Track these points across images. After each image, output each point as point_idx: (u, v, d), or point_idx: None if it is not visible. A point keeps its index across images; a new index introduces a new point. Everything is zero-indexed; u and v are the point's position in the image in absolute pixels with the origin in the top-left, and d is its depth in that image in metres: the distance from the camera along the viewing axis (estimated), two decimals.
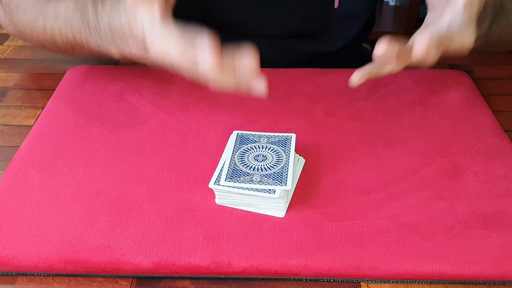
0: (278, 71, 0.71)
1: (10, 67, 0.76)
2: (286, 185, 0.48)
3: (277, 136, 0.55)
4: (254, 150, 0.52)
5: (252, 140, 0.54)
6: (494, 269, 0.45)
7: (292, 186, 0.50)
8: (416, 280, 0.45)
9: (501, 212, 0.49)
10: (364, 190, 0.52)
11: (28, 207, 0.49)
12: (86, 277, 0.45)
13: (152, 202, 0.50)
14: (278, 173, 0.49)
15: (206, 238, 0.46)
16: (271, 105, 0.65)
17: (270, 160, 0.51)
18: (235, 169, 0.50)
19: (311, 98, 0.66)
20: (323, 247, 0.46)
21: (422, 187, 0.52)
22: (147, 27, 0.51)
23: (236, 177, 0.49)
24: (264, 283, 0.45)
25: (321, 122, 0.62)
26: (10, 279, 0.45)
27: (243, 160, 0.51)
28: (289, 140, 0.54)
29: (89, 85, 0.67)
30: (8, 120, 0.65)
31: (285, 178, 0.49)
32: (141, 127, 0.60)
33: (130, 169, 0.54)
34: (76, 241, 0.46)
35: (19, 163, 0.54)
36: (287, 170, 0.50)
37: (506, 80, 0.64)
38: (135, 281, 0.45)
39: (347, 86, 0.68)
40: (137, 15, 0.51)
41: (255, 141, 0.54)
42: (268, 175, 0.49)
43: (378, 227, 0.48)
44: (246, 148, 0.53)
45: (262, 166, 0.50)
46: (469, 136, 0.59)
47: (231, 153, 0.52)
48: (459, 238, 0.47)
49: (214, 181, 0.49)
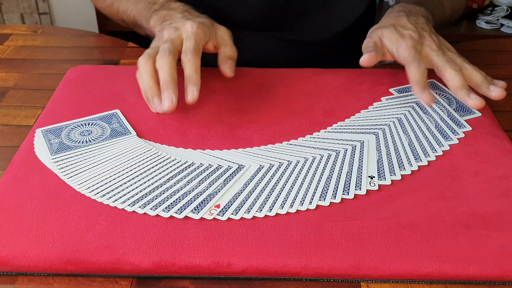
0: (278, 71, 0.71)
1: (10, 67, 0.76)
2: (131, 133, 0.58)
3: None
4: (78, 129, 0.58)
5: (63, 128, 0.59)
6: (494, 269, 0.45)
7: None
8: (416, 280, 0.45)
9: (501, 212, 0.49)
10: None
11: (28, 207, 0.49)
12: (86, 277, 0.45)
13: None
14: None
15: (206, 238, 0.46)
16: (271, 105, 0.65)
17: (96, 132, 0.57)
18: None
19: (311, 98, 0.66)
20: (323, 247, 0.46)
21: (422, 187, 0.52)
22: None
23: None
24: (264, 283, 0.45)
25: (321, 122, 0.62)
26: (10, 279, 0.45)
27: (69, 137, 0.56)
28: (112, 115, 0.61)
29: (89, 85, 0.67)
30: (8, 120, 0.65)
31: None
32: (141, 127, 0.60)
33: None
34: (76, 241, 0.46)
35: (19, 163, 0.54)
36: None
37: (506, 80, 0.64)
38: (135, 281, 0.45)
39: (347, 86, 0.68)
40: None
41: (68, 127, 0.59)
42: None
43: (378, 227, 0.48)
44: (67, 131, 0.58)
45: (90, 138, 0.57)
46: (469, 136, 0.59)
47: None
48: (459, 238, 0.47)
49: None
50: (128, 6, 0.74)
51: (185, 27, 0.62)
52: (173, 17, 0.66)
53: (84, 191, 0.51)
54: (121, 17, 0.77)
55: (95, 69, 0.71)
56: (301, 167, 0.54)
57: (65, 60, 0.78)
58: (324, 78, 0.70)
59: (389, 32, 0.64)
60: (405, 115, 0.63)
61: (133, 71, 0.70)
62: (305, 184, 0.52)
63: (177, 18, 0.65)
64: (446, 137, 0.59)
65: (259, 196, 0.50)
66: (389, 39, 0.64)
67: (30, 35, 0.85)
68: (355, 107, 0.65)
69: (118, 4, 0.76)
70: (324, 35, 0.81)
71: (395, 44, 0.63)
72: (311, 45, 0.82)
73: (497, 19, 1.80)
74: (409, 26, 0.65)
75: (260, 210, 0.49)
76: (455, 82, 0.60)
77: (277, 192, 0.51)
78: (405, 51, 0.62)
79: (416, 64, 0.60)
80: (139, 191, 0.51)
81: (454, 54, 0.63)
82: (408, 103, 0.65)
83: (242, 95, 0.66)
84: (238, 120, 0.62)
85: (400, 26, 0.65)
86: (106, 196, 0.50)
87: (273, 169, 0.54)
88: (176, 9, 0.67)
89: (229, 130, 0.60)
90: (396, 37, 0.63)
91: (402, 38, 0.63)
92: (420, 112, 0.63)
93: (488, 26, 1.78)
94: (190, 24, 0.61)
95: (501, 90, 0.60)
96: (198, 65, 0.58)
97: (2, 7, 1.98)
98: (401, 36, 0.63)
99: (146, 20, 0.70)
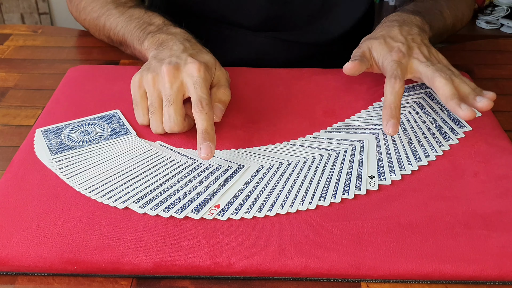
0: (278, 71, 0.71)
1: (10, 67, 0.76)
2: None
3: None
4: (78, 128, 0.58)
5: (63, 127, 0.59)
6: (494, 269, 0.45)
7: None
8: (416, 280, 0.45)
9: (501, 212, 0.49)
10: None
11: (28, 207, 0.49)
12: (86, 277, 0.45)
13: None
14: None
15: (206, 238, 0.46)
16: (271, 105, 0.65)
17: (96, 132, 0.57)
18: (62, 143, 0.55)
19: (311, 98, 0.66)
20: (323, 247, 0.46)
21: (422, 187, 0.52)
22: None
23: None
24: (264, 283, 0.45)
25: (321, 122, 0.62)
26: (10, 279, 0.45)
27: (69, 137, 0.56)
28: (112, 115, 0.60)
29: (89, 85, 0.67)
30: (8, 120, 0.65)
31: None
32: (141, 127, 0.60)
33: None
34: (76, 241, 0.46)
35: (19, 163, 0.54)
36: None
37: (506, 80, 0.64)
38: (135, 281, 0.45)
39: (347, 86, 0.68)
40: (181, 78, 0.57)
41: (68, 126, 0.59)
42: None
43: (378, 227, 0.48)
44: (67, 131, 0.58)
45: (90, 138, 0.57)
46: (469, 136, 0.59)
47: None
48: (459, 238, 0.47)
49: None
50: (118, 23, 0.71)
51: (190, 69, 0.57)
52: (172, 46, 0.62)
53: (84, 191, 0.51)
54: (106, 33, 0.74)
55: (95, 69, 0.71)
56: (301, 167, 0.54)
57: (65, 60, 0.78)
58: (324, 78, 0.70)
59: (378, 45, 0.64)
60: (405, 115, 0.63)
61: (133, 71, 0.70)
62: (305, 184, 0.52)
63: (177, 50, 0.60)
64: (446, 137, 0.59)
65: (259, 196, 0.50)
66: (377, 52, 0.63)
67: (30, 35, 0.85)
68: (355, 107, 0.65)
69: (105, 19, 0.73)
70: (323, 37, 0.81)
71: (381, 57, 0.63)
72: (311, 46, 0.82)
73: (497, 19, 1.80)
74: (399, 38, 0.64)
75: (260, 210, 0.49)
76: (446, 91, 0.58)
77: (277, 192, 0.51)
78: (388, 65, 0.61)
79: (392, 82, 0.58)
80: (139, 191, 0.51)
81: (444, 67, 0.62)
82: (408, 103, 0.65)
83: (242, 95, 0.66)
84: (238, 120, 0.62)
85: (390, 37, 0.64)
86: (106, 196, 0.50)
87: (273, 169, 0.54)
88: (176, 36, 0.64)
89: (229, 130, 0.60)
90: (385, 50, 0.63)
91: (390, 51, 0.62)
92: (420, 112, 0.63)
93: (488, 26, 1.79)
94: (197, 68, 0.56)
95: (487, 100, 0.57)
96: (213, 118, 0.55)
97: (2, 7, 1.98)
98: (389, 50, 0.62)
99: (139, 41, 0.66)
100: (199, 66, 0.56)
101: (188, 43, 0.62)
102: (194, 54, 0.60)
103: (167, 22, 0.68)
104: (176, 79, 0.56)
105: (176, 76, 0.56)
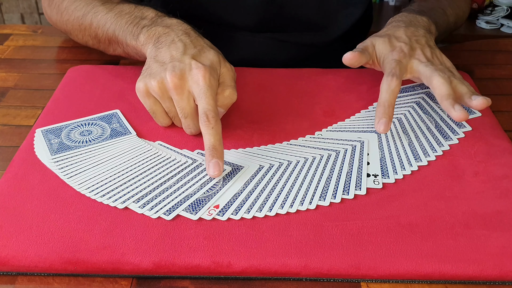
0: (278, 71, 0.71)
1: (10, 67, 0.76)
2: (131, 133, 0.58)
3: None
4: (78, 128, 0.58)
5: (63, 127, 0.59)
6: (494, 269, 0.45)
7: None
8: (416, 280, 0.45)
9: (501, 212, 0.49)
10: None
11: (28, 207, 0.49)
12: (86, 277, 0.45)
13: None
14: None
15: (206, 238, 0.46)
16: (271, 105, 0.65)
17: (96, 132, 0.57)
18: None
19: (311, 98, 0.66)
20: (323, 247, 0.46)
21: (422, 187, 0.52)
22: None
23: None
24: (264, 283, 0.45)
25: (321, 122, 0.62)
26: (10, 279, 0.45)
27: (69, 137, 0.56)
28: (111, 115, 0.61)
29: (89, 85, 0.67)
30: (8, 120, 0.65)
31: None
32: (141, 127, 0.60)
33: None
34: (76, 241, 0.46)
35: (19, 163, 0.54)
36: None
37: (506, 80, 0.64)
38: (135, 281, 0.45)
39: (347, 86, 0.68)
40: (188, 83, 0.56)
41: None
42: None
43: (378, 227, 0.48)
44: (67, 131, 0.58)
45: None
46: (469, 136, 0.59)
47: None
48: (459, 238, 0.47)
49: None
50: (107, 20, 0.66)
51: (195, 77, 0.55)
52: (171, 44, 0.59)
53: (84, 191, 0.51)
54: (93, 32, 0.69)
55: (95, 69, 0.71)
56: (301, 167, 0.54)
57: (65, 60, 0.78)
58: (324, 78, 0.70)
59: (382, 42, 0.64)
60: (405, 115, 0.63)
61: (133, 71, 0.70)
62: (305, 184, 0.52)
63: (178, 51, 0.58)
64: (446, 137, 0.59)
65: (259, 196, 0.50)
66: (380, 49, 0.64)
67: (30, 35, 0.85)
68: (355, 107, 0.65)
69: (92, 17, 0.68)
70: (321, 38, 0.81)
71: (383, 54, 0.63)
72: (309, 47, 0.82)
73: (497, 19, 1.80)
74: (403, 38, 0.64)
75: (260, 210, 0.49)
76: (442, 91, 0.58)
77: (277, 192, 0.51)
78: (387, 63, 0.61)
79: (388, 80, 0.58)
80: (139, 191, 0.51)
81: (445, 68, 0.62)
82: (408, 103, 0.65)
83: (242, 95, 0.66)
84: (238, 120, 0.62)
85: (395, 37, 0.64)
86: (106, 196, 0.50)
87: (273, 169, 0.54)
88: (173, 29, 0.61)
89: (229, 130, 0.60)
90: (387, 48, 0.63)
91: (392, 50, 0.62)
92: (420, 112, 0.63)
93: (488, 26, 1.78)
94: (202, 75, 0.55)
95: (483, 98, 0.57)
96: (221, 132, 0.53)
97: (2, 7, 1.98)
98: (391, 48, 0.63)
99: (133, 36, 0.63)
100: (204, 73, 0.55)
101: (188, 39, 0.60)
102: (197, 55, 0.58)
103: (160, 14, 0.65)
104: (183, 90, 0.55)
105: (183, 86, 0.55)
